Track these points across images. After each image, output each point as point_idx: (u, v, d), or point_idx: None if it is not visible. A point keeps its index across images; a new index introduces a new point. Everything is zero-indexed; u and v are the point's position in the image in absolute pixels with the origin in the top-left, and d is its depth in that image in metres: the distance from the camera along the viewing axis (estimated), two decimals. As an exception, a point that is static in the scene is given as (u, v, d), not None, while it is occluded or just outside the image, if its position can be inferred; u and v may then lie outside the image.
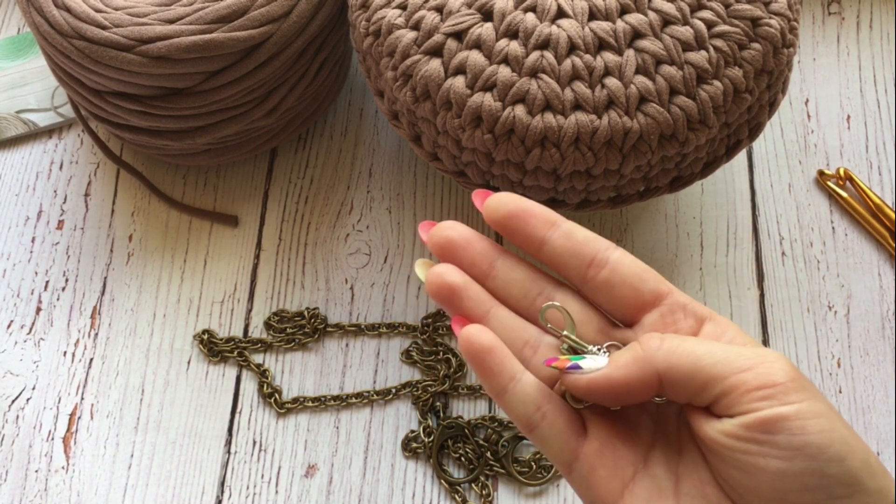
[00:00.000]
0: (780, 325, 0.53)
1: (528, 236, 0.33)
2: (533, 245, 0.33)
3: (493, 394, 0.32)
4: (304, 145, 0.59)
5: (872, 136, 0.59)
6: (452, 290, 0.33)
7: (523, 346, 0.33)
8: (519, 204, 0.33)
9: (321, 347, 0.53)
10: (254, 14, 0.47)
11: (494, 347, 0.31)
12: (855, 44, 0.62)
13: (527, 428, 0.31)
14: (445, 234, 0.34)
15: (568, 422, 0.31)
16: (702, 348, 0.29)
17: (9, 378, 0.53)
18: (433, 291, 0.33)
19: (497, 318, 0.33)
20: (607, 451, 0.31)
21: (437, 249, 0.34)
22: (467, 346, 0.31)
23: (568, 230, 0.33)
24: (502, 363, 0.31)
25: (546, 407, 0.31)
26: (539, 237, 0.33)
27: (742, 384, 0.28)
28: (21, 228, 0.57)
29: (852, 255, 0.55)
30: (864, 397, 0.51)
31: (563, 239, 0.33)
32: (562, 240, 0.33)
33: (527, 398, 0.31)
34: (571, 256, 0.32)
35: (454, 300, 0.33)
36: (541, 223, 0.33)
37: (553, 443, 0.31)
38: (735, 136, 0.47)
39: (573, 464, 0.31)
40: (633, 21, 0.42)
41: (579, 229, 0.33)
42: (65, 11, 0.47)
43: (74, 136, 0.60)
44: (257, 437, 0.51)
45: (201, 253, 0.56)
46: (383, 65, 0.46)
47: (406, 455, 0.50)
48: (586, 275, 0.32)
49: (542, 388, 0.32)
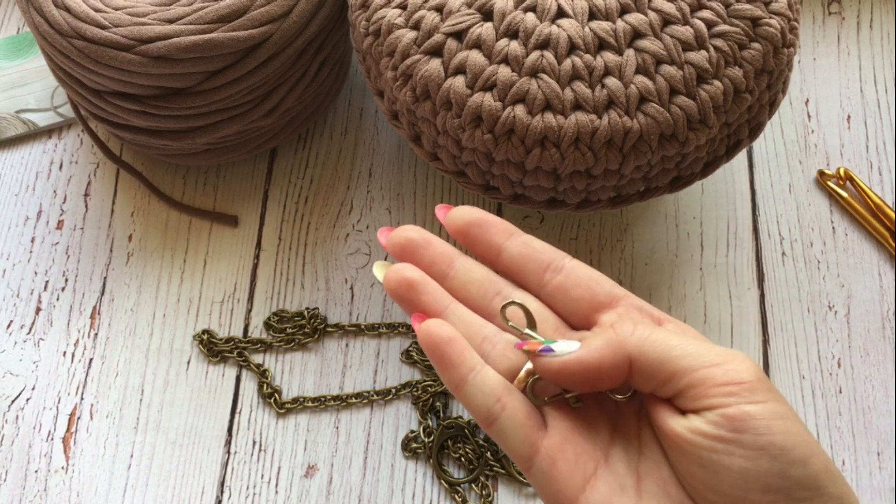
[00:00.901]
0: (780, 325, 0.53)
1: (488, 244, 0.34)
2: (492, 253, 0.34)
3: (452, 386, 0.32)
4: (304, 145, 0.59)
5: (873, 136, 0.59)
6: (411, 285, 0.33)
7: (482, 342, 0.33)
8: (480, 215, 0.34)
9: (321, 347, 0.53)
10: (254, 14, 0.47)
11: (454, 339, 0.32)
12: (855, 44, 0.62)
13: (486, 420, 0.31)
14: (406, 234, 0.35)
15: (528, 415, 0.31)
16: (673, 340, 0.29)
17: (8, 378, 0.52)
18: (392, 287, 0.34)
19: (456, 314, 0.34)
20: (568, 444, 0.30)
21: (398, 250, 0.34)
22: (427, 338, 0.32)
23: (526, 240, 0.34)
24: (462, 354, 0.32)
25: (506, 398, 0.31)
26: (498, 245, 0.34)
27: (710, 378, 0.28)
28: (21, 228, 0.57)
29: (852, 255, 0.55)
30: (865, 397, 0.51)
31: (521, 247, 0.34)
32: (519, 247, 0.34)
33: (486, 389, 0.31)
34: (528, 262, 0.33)
35: (412, 295, 0.33)
36: (500, 232, 0.34)
37: (513, 436, 0.31)
38: (735, 136, 0.47)
39: (533, 458, 0.31)
40: (633, 21, 0.42)
41: (536, 240, 0.34)
42: (64, 11, 0.47)
43: (74, 136, 0.60)
44: (257, 438, 0.51)
45: (201, 253, 0.56)
46: (383, 65, 0.46)
47: (406, 455, 0.50)
48: (542, 279, 0.33)
49: (501, 380, 0.32)
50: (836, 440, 0.50)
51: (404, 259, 0.34)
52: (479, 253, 0.34)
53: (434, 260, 0.34)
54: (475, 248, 0.34)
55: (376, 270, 0.35)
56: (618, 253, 0.55)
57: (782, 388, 0.51)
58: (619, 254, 0.55)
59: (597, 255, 0.55)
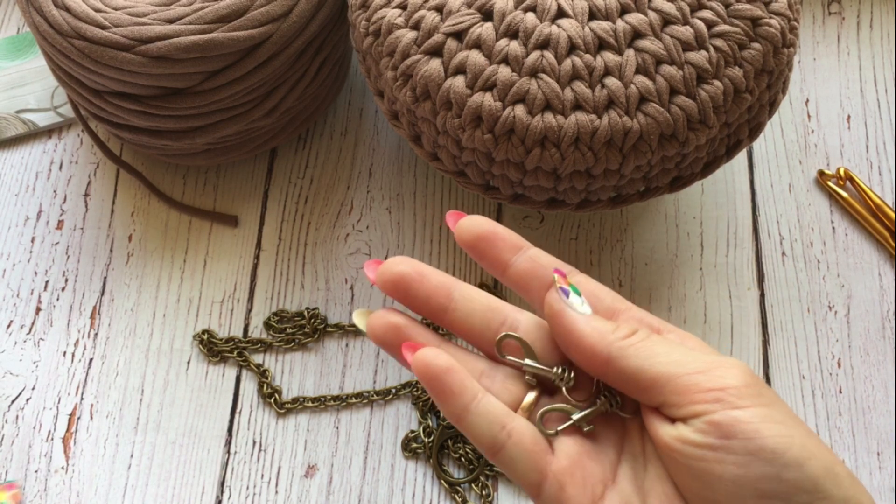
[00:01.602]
0: (780, 325, 0.53)
1: (496, 259, 0.33)
2: (499, 267, 0.33)
3: (453, 416, 0.31)
4: (304, 145, 0.59)
5: (873, 136, 0.59)
6: (398, 329, 0.32)
7: (479, 376, 0.33)
8: (490, 227, 0.33)
9: (321, 347, 0.53)
10: (254, 14, 0.47)
11: (453, 367, 0.30)
12: (855, 44, 0.62)
13: (492, 449, 0.30)
14: (397, 269, 0.33)
15: (534, 440, 0.30)
16: (659, 347, 0.29)
17: (8, 378, 0.52)
18: (378, 335, 0.32)
19: (448, 351, 0.33)
20: (576, 468, 0.30)
21: (390, 286, 0.33)
22: (423, 369, 0.30)
23: (533, 255, 0.33)
24: (462, 383, 0.30)
25: (511, 425, 0.30)
26: (505, 260, 0.33)
27: (694, 385, 0.28)
28: (21, 228, 0.57)
29: (852, 255, 0.55)
30: (865, 397, 0.51)
31: (528, 262, 0.33)
32: (526, 263, 0.33)
33: (490, 416, 0.30)
34: (534, 279, 0.33)
35: (402, 340, 0.32)
36: (508, 247, 0.33)
37: (520, 463, 0.30)
38: (735, 136, 0.47)
39: (542, 484, 0.30)
40: (634, 21, 0.42)
41: (544, 255, 0.33)
42: (64, 11, 0.47)
43: (74, 136, 0.60)
44: (257, 438, 0.51)
45: (201, 253, 0.56)
46: (383, 65, 0.46)
47: (406, 455, 0.50)
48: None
49: (504, 406, 0.31)
50: (836, 440, 0.50)
51: (398, 296, 0.33)
52: (486, 266, 0.33)
53: (430, 294, 0.33)
54: (483, 262, 0.33)
55: (357, 319, 0.33)
56: (618, 253, 0.55)
57: (782, 389, 0.51)
58: (619, 254, 0.55)
59: (597, 255, 0.55)
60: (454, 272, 0.55)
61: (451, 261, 0.55)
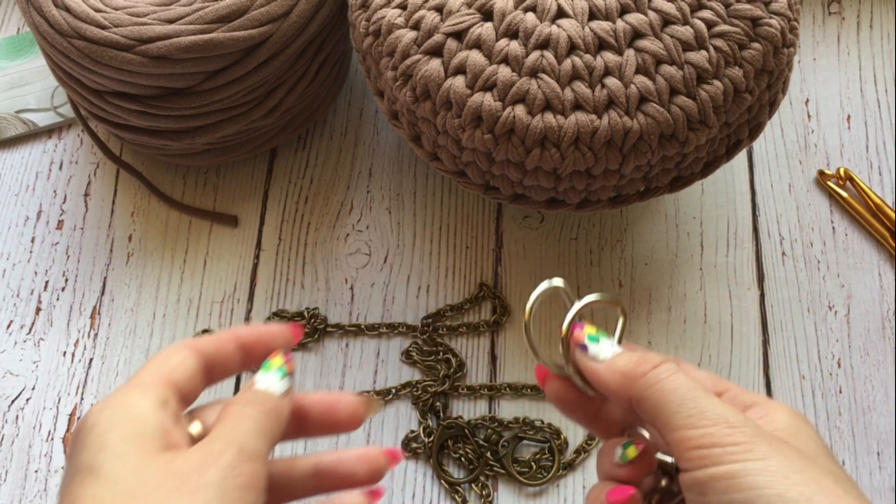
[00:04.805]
0: (781, 325, 0.53)
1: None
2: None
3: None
4: (304, 145, 0.59)
5: (873, 136, 0.59)
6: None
7: None
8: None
9: (321, 347, 0.53)
10: (254, 14, 0.47)
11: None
12: (855, 44, 0.62)
13: None
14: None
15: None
16: (684, 395, 0.29)
17: (8, 378, 0.52)
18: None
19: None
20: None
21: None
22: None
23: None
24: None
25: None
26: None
27: (687, 440, 0.28)
28: (21, 228, 0.57)
29: (852, 255, 0.55)
30: (865, 397, 0.51)
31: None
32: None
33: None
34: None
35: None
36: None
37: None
38: (735, 136, 0.47)
39: None
40: (633, 21, 0.42)
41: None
42: (64, 11, 0.47)
43: (74, 136, 0.60)
44: (257, 438, 0.51)
45: (201, 253, 0.56)
46: (383, 65, 0.46)
47: (406, 455, 0.50)
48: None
49: None
50: (836, 440, 0.50)
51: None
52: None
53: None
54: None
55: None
56: (618, 253, 0.55)
57: (782, 388, 0.51)
58: (619, 254, 0.55)
59: (597, 255, 0.55)
60: (454, 272, 0.55)
61: (451, 261, 0.55)
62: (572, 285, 0.54)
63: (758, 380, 0.51)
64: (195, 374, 0.30)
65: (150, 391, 0.29)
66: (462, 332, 0.53)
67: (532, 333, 0.33)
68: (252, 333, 0.32)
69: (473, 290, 0.54)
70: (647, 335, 0.53)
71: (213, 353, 0.31)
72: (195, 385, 0.31)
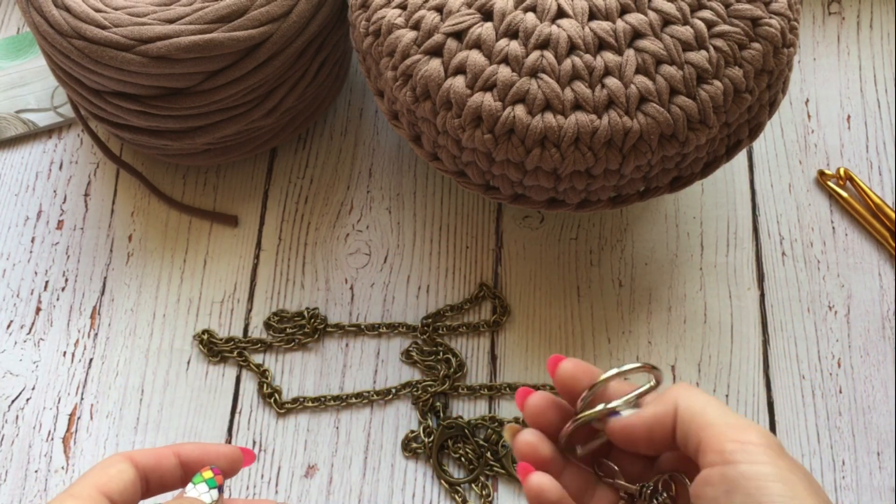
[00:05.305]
0: (780, 325, 0.53)
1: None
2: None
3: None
4: (304, 145, 0.59)
5: (873, 136, 0.59)
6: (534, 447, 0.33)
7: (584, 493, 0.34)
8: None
9: (321, 347, 0.53)
10: (254, 14, 0.47)
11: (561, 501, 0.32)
12: (855, 44, 0.62)
13: None
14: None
15: None
16: (704, 405, 0.30)
17: (8, 378, 0.52)
18: (521, 452, 0.34)
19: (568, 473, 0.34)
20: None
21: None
22: (535, 495, 0.32)
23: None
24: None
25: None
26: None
27: (729, 429, 0.29)
28: (21, 228, 0.57)
29: (852, 255, 0.55)
30: (865, 397, 0.51)
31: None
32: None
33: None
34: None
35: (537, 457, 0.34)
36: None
37: None
38: (735, 136, 0.47)
39: None
40: (634, 21, 0.42)
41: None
42: (64, 11, 0.47)
43: (74, 136, 0.60)
44: (257, 438, 0.51)
45: (201, 253, 0.56)
46: (383, 65, 0.46)
47: (406, 455, 0.50)
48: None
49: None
50: (836, 440, 0.50)
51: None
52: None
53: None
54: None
55: (505, 434, 0.35)
56: (618, 253, 0.55)
57: (782, 389, 0.51)
58: (619, 254, 0.55)
59: (597, 255, 0.55)
60: (454, 272, 0.55)
61: (451, 261, 0.55)
62: (572, 285, 0.54)
63: (758, 380, 0.52)
64: (130, 485, 0.31)
65: (83, 503, 0.29)
66: (462, 332, 0.53)
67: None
68: (196, 451, 0.33)
69: (473, 290, 0.54)
70: (647, 335, 0.53)
71: (152, 466, 0.32)
72: (130, 497, 0.31)
